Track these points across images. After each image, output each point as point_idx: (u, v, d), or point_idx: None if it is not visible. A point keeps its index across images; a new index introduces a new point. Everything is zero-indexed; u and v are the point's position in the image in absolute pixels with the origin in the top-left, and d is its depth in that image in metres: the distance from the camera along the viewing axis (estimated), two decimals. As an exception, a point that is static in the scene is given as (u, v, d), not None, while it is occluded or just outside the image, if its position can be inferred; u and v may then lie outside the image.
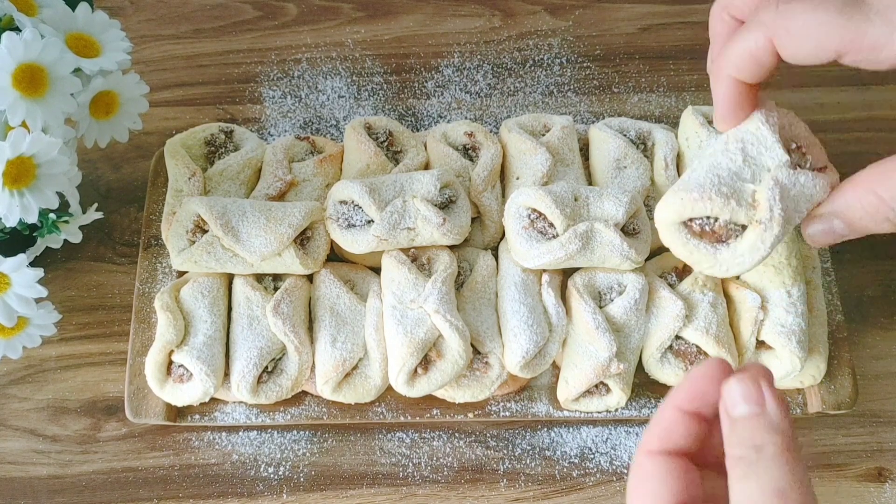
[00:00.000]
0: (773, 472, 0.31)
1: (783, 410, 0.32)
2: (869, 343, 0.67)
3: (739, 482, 0.31)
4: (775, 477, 0.31)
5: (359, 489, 0.61)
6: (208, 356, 0.59)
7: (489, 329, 0.60)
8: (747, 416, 0.32)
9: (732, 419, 0.33)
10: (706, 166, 0.38)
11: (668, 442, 0.35)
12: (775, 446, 0.31)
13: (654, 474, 0.35)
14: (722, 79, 0.38)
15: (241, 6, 0.84)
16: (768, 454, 0.31)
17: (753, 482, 0.31)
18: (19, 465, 0.61)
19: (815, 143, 0.41)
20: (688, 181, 0.38)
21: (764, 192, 0.37)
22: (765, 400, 0.32)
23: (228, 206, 0.60)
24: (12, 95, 0.50)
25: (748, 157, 0.38)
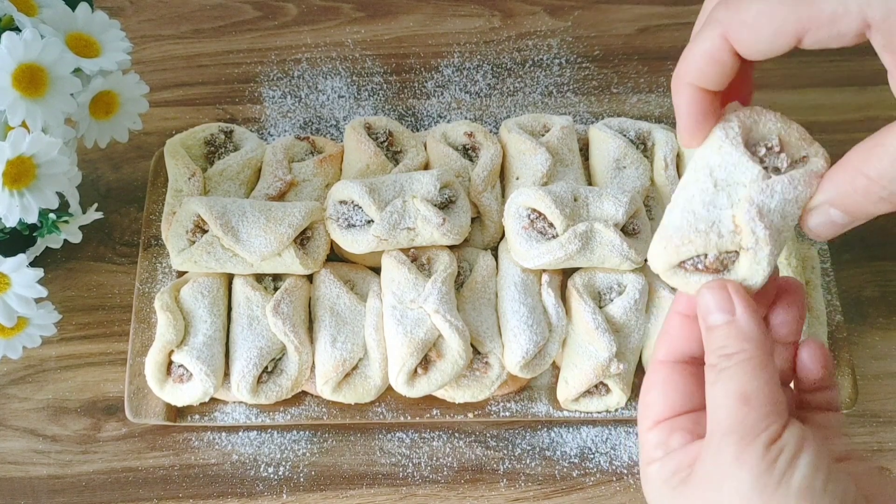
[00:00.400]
0: (738, 378, 0.32)
1: (753, 319, 0.33)
2: (868, 343, 0.67)
3: (711, 388, 0.33)
4: (741, 382, 0.32)
5: (359, 489, 0.61)
6: (208, 356, 0.59)
7: (489, 329, 0.60)
8: (720, 324, 0.33)
9: (708, 327, 0.34)
10: (681, 204, 0.36)
11: (672, 349, 0.36)
12: (744, 353, 0.32)
13: (656, 385, 0.36)
14: (682, 88, 0.35)
15: (241, 6, 0.84)
16: (736, 360, 0.32)
17: (721, 388, 0.32)
18: (19, 465, 0.61)
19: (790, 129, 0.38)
20: (667, 225, 0.37)
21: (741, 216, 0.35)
22: (735, 308, 0.33)
23: (228, 206, 0.60)
24: (12, 95, 0.50)
25: (718, 181, 0.36)
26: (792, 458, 0.30)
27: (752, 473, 0.30)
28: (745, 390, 0.31)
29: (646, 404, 0.36)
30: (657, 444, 0.35)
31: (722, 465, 0.31)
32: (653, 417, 0.35)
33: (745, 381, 0.32)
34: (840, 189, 0.34)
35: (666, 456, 0.34)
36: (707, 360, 0.33)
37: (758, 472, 0.30)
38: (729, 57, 0.34)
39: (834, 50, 0.35)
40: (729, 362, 0.32)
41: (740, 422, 0.31)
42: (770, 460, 0.30)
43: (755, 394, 0.31)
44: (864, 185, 0.33)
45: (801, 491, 0.30)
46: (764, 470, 0.30)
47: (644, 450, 0.36)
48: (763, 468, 0.30)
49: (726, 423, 0.31)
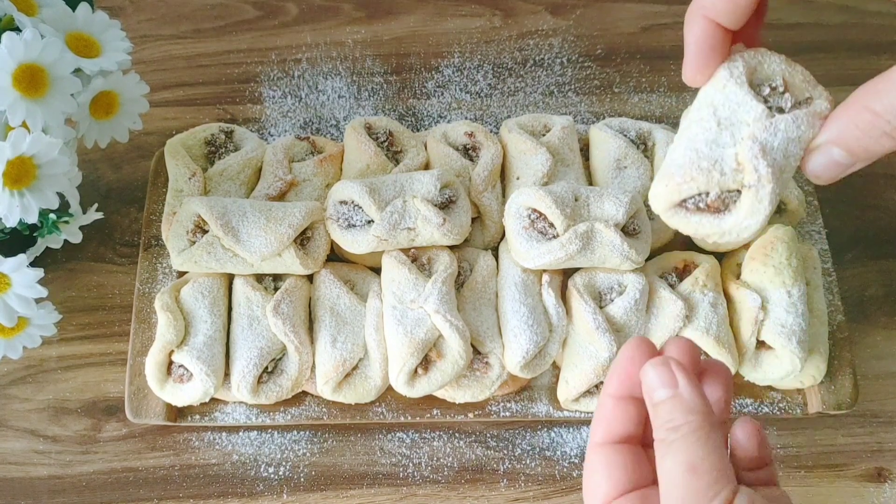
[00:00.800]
0: (685, 449, 0.32)
1: (695, 391, 0.34)
2: (870, 343, 0.67)
3: (660, 462, 0.33)
4: (688, 452, 0.32)
5: (359, 489, 0.61)
6: (208, 356, 0.59)
7: (489, 329, 0.60)
8: (664, 399, 0.34)
9: (654, 404, 0.34)
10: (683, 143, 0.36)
11: (610, 431, 0.37)
12: (689, 425, 0.33)
13: (598, 467, 0.36)
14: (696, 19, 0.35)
15: (241, 6, 0.84)
16: (682, 433, 0.33)
17: (671, 460, 0.33)
18: (20, 465, 0.61)
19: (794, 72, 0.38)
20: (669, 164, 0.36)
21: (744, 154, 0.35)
22: (678, 383, 0.34)
23: (228, 206, 0.60)
24: (12, 95, 0.50)
25: (722, 120, 0.36)
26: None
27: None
28: (692, 460, 0.32)
29: (591, 487, 0.36)
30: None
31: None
32: (600, 499, 0.36)
33: (692, 451, 0.32)
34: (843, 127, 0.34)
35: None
36: (655, 435, 0.34)
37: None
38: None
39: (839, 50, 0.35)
40: (676, 434, 0.33)
41: (691, 490, 0.31)
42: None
43: (701, 462, 0.32)
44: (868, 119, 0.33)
45: None
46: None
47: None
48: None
49: (678, 491, 0.32)
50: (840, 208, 0.72)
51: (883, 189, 0.74)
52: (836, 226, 0.71)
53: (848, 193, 0.73)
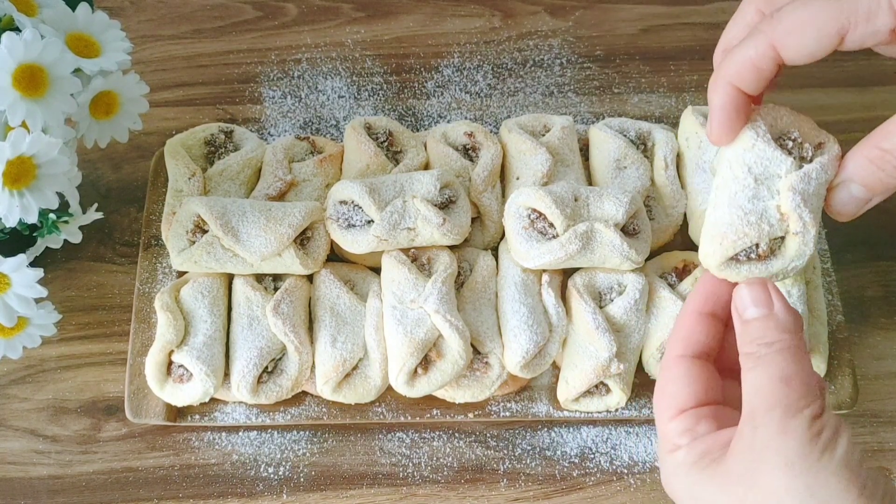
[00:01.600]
0: (779, 363, 0.33)
1: (791, 312, 0.35)
2: (869, 343, 0.67)
3: (749, 373, 0.34)
4: (781, 366, 0.33)
5: (359, 489, 0.61)
6: (208, 356, 0.59)
7: (489, 329, 0.60)
8: (758, 317, 0.35)
9: (744, 321, 0.35)
10: (725, 202, 0.40)
11: (689, 345, 0.38)
12: (783, 342, 0.34)
13: (677, 377, 0.38)
14: (721, 86, 0.39)
15: (241, 6, 0.84)
16: (776, 349, 0.34)
17: (761, 371, 0.34)
18: (19, 465, 0.61)
19: (803, 121, 0.42)
20: (716, 223, 0.40)
21: (787, 204, 0.38)
22: (773, 303, 0.35)
23: (228, 206, 0.60)
24: (12, 95, 0.50)
25: (758, 176, 0.39)
26: (834, 433, 0.32)
27: (799, 442, 0.32)
28: (786, 373, 0.33)
29: (667, 395, 0.37)
30: (682, 432, 0.36)
31: (766, 437, 0.32)
32: (677, 407, 0.37)
33: (785, 365, 0.33)
34: (858, 164, 0.37)
35: (693, 441, 0.35)
36: (742, 349, 0.35)
37: (803, 441, 0.32)
38: (770, 65, 0.37)
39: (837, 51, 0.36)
40: (769, 350, 0.34)
41: (783, 398, 0.32)
42: (815, 432, 0.32)
43: (795, 376, 0.33)
44: (878, 155, 0.36)
45: (844, 461, 0.32)
46: (809, 440, 0.32)
47: (666, 439, 0.37)
48: (808, 438, 0.32)
49: (769, 400, 0.33)
50: (839, 208, 0.72)
51: (882, 189, 0.74)
52: (836, 227, 0.71)
53: (847, 194, 0.73)
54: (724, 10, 0.84)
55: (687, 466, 0.35)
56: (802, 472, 0.31)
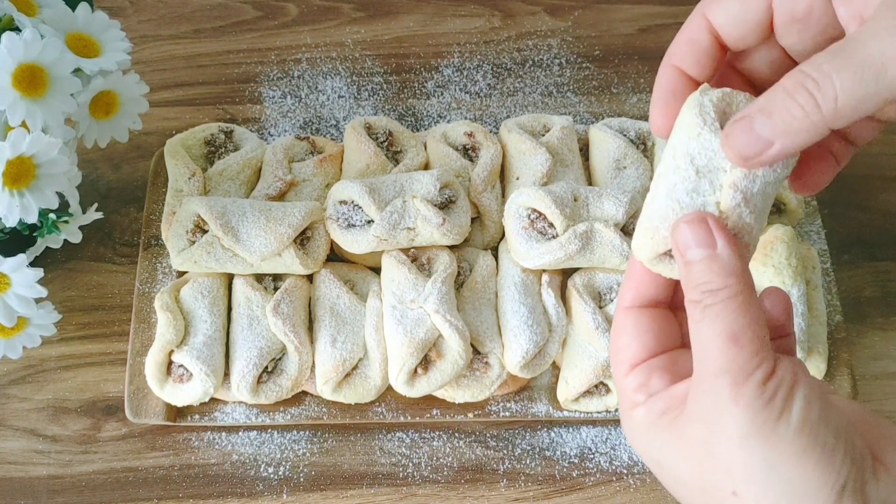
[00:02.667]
0: (725, 316, 0.31)
1: (736, 252, 0.32)
2: (868, 343, 0.67)
3: (696, 325, 0.32)
4: (729, 321, 0.31)
5: (359, 489, 0.61)
6: (208, 356, 0.59)
7: (489, 329, 0.60)
8: (700, 259, 0.32)
9: (686, 262, 0.32)
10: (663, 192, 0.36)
11: (638, 295, 0.36)
12: (729, 289, 0.31)
13: (626, 330, 0.35)
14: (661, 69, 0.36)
15: (241, 6, 0.84)
16: (721, 297, 0.31)
17: (707, 326, 0.31)
18: (19, 465, 0.61)
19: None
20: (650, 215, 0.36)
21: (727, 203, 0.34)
22: (716, 242, 0.32)
23: (228, 206, 0.60)
24: (12, 95, 0.50)
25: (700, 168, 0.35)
26: (788, 393, 0.30)
27: (750, 411, 0.30)
28: (733, 329, 0.30)
29: (618, 349, 0.35)
30: (637, 388, 0.34)
31: (718, 404, 0.30)
32: (628, 361, 0.35)
33: (733, 319, 0.31)
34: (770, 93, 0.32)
35: (650, 398, 0.34)
36: (688, 296, 0.32)
37: (755, 410, 0.30)
38: (706, 36, 0.35)
39: None
40: (714, 298, 0.31)
41: (732, 361, 0.30)
42: (767, 398, 0.30)
43: (744, 332, 0.30)
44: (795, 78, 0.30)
45: (800, 424, 0.30)
46: (761, 407, 0.30)
47: (624, 396, 0.35)
48: (760, 405, 0.30)
49: (717, 363, 0.30)
50: (837, 210, 0.72)
51: (879, 191, 0.74)
52: (834, 227, 0.71)
53: (844, 195, 0.73)
54: (723, 10, 0.84)
55: (647, 425, 0.33)
56: (759, 444, 0.29)
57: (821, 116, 0.30)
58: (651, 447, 0.33)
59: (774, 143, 0.31)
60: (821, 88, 0.30)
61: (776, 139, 0.31)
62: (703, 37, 0.35)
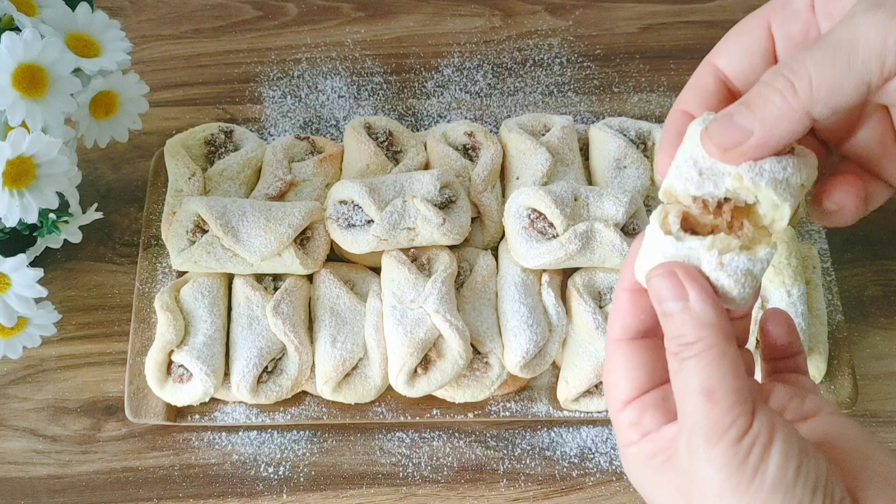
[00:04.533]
0: (700, 370, 0.30)
1: (708, 303, 0.31)
2: (869, 343, 0.67)
3: (674, 377, 0.32)
4: (703, 375, 0.30)
5: (359, 489, 0.61)
6: (208, 356, 0.59)
7: (489, 329, 0.60)
8: (675, 311, 0.32)
9: (664, 314, 0.32)
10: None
11: (625, 326, 0.35)
12: (703, 342, 0.31)
13: (616, 366, 0.35)
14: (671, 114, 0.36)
15: (241, 6, 0.84)
16: (695, 351, 0.31)
17: (682, 380, 0.31)
18: (19, 465, 0.61)
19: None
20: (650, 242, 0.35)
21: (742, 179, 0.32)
22: (688, 295, 0.31)
23: (228, 206, 0.60)
24: (12, 95, 0.50)
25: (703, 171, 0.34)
26: (763, 450, 0.29)
27: (724, 472, 0.29)
28: (708, 384, 0.30)
29: (610, 386, 0.35)
30: (630, 426, 0.34)
31: (694, 462, 0.30)
32: (621, 398, 0.35)
33: (707, 373, 0.30)
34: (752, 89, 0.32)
35: (642, 439, 0.34)
36: (667, 346, 0.32)
37: (729, 471, 0.29)
38: (711, 81, 0.36)
39: None
40: (689, 352, 0.31)
41: (706, 418, 0.30)
42: (742, 456, 0.29)
43: (718, 386, 0.30)
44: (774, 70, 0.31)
45: (774, 484, 0.29)
46: (736, 467, 0.29)
47: (619, 431, 0.35)
48: (735, 465, 0.29)
49: (692, 419, 0.30)
50: (839, 208, 0.72)
51: (882, 189, 0.74)
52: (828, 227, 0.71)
53: (847, 193, 0.73)
54: (724, 8, 0.84)
55: (641, 464, 0.33)
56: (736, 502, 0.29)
57: (798, 101, 0.30)
58: (644, 484, 0.34)
59: (754, 131, 0.31)
60: (795, 73, 0.30)
61: (755, 127, 0.31)
62: (708, 81, 0.36)
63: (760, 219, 0.33)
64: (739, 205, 0.33)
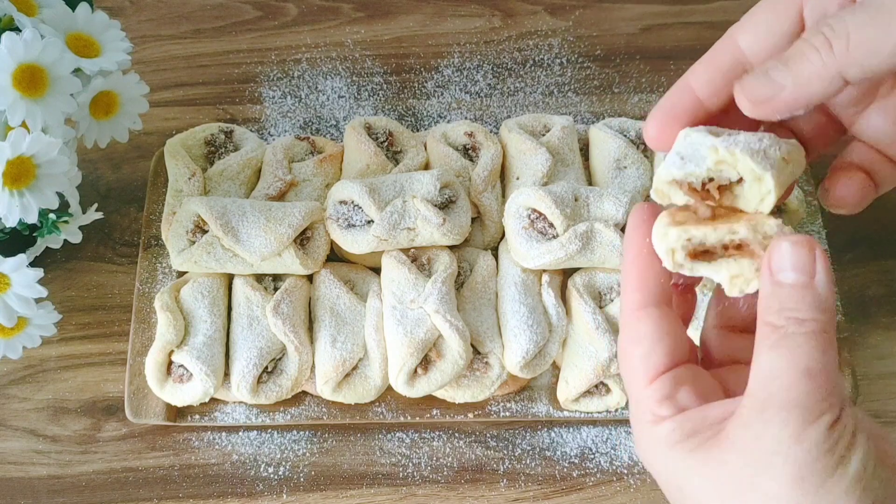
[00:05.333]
0: (806, 349, 0.29)
1: (831, 289, 0.30)
2: (871, 343, 0.67)
3: (769, 352, 0.29)
4: (809, 356, 0.29)
5: (359, 489, 0.61)
6: (208, 356, 0.59)
7: (489, 329, 0.60)
8: (794, 284, 0.30)
9: (775, 282, 0.30)
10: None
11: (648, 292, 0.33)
12: (816, 324, 0.29)
13: (646, 332, 0.32)
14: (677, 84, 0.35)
15: (241, 6, 0.84)
16: (806, 330, 0.29)
17: (784, 355, 0.29)
18: (19, 465, 0.61)
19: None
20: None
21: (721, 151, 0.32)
22: (816, 272, 0.30)
23: (228, 206, 0.60)
24: (12, 95, 0.50)
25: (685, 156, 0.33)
26: (848, 444, 0.29)
27: (812, 454, 0.28)
28: (812, 365, 0.29)
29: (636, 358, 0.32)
30: (661, 400, 0.31)
31: (776, 439, 0.28)
32: (652, 369, 0.32)
33: (815, 355, 0.29)
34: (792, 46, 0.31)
35: (679, 414, 0.31)
36: (765, 316, 0.30)
37: (817, 454, 0.28)
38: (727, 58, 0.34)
39: None
40: (800, 328, 0.29)
41: (804, 397, 0.28)
42: (831, 443, 0.28)
43: (821, 370, 0.29)
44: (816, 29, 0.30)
45: (855, 479, 0.28)
46: (825, 451, 0.28)
47: (643, 407, 0.32)
48: (824, 450, 0.28)
49: (788, 395, 0.28)
50: (840, 208, 0.72)
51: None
52: (836, 226, 0.71)
53: (848, 193, 0.73)
54: (725, 8, 0.84)
55: (671, 443, 0.31)
56: (812, 489, 0.28)
57: (833, 60, 0.30)
58: (673, 468, 0.31)
59: (786, 86, 0.31)
60: (835, 31, 0.30)
61: (788, 82, 0.31)
62: (724, 59, 0.34)
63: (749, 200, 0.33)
64: (724, 183, 0.33)
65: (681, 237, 0.32)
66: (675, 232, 0.33)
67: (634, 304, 0.33)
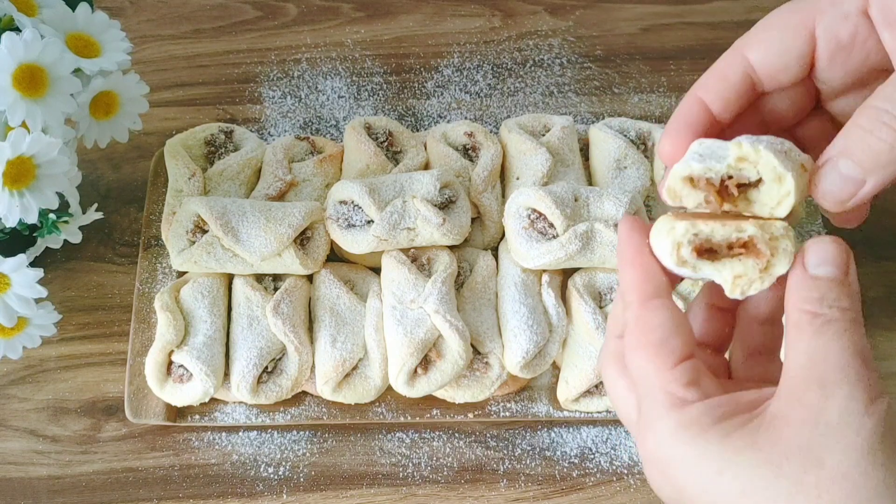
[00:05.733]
0: (854, 335, 0.30)
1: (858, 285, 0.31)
2: (873, 344, 0.67)
3: (816, 336, 0.30)
4: (859, 340, 0.30)
5: (359, 489, 0.61)
6: (208, 356, 0.59)
7: (489, 329, 0.60)
8: (833, 278, 0.31)
9: (812, 275, 0.31)
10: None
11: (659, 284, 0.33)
12: (856, 312, 0.30)
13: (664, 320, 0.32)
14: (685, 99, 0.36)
15: (241, 6, 0.84)
16: (851, 318, 0.30)
17: (834, 337, 0.30)
18: (19, 465, 0.61)
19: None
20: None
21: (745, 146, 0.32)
22: (849, 270, 0.31)
23: (228, 207, 0.60)
24: (12, 95, 0.50)
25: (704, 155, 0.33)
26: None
27: (882, 426, 0.28)
28: (864, 350, 0.30)
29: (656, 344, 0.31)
30: (687, 385, 0.31)
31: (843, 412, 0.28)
32: (674, 355, 0.31)
33: (861, 340, 0.30)
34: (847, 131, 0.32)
35: (709, 399, 0.30)
36: (803, 306, 0.30)
37: (885, 428, 0.28)
38: (738, 73, 0.34)
39: None
40: (844, 315, 0.30)
41: (864, 375, 0.29)
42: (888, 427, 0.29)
43: (869, 355, 0.30)
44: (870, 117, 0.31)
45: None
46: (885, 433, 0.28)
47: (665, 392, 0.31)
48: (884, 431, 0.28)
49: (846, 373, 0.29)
50: (840, 208, 0.72)
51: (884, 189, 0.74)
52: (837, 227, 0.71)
53: (848, 193, 0.73)
54: (725, 9, 0.84)
55: (703, 427, 0.29)
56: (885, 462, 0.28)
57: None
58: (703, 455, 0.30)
59: (866, 181, 0.32)
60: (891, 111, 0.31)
61: (867, 177, 0.32)
62: (734, 73, 0.35)
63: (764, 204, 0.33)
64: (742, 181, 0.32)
65: (688, 231, 0.32)
66: (682, 225, 0.32)
67: (644, 296, 0.33)
